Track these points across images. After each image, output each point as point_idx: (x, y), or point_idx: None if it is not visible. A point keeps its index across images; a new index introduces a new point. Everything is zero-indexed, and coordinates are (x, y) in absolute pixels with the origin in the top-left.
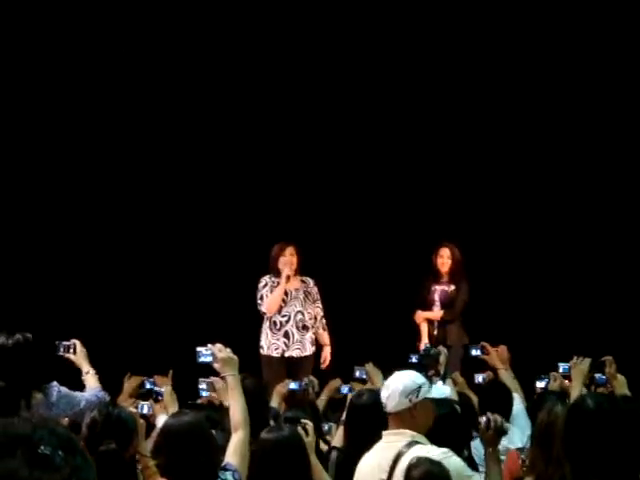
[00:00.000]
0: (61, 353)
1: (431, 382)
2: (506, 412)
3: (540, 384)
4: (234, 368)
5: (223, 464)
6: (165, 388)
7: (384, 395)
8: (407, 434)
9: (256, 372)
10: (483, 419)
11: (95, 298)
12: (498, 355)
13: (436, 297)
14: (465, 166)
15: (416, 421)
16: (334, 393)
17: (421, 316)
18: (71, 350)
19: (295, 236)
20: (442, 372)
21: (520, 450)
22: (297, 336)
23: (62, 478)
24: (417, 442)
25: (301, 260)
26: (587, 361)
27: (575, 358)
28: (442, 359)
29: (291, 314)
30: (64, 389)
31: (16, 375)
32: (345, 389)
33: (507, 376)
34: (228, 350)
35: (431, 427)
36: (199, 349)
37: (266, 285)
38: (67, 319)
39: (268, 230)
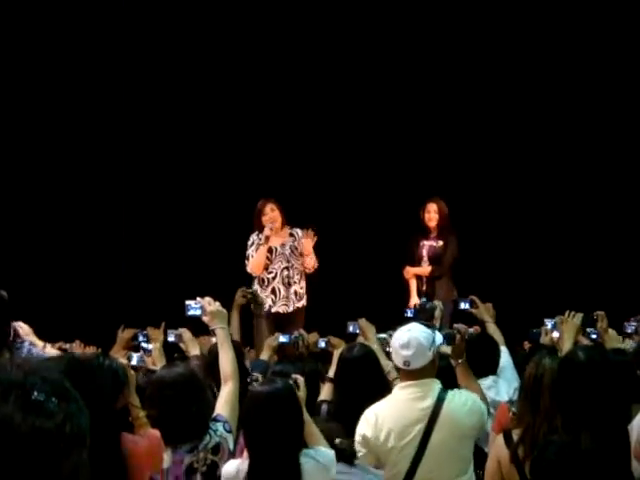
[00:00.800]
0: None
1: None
2: (493, 365)
3: (531, 337)
4: (223, 321)
5: (214, 415)
6: (154, 345)
7: (407, 354)
8: (433, 383)
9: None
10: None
11: (89, 250)
12: (486, 309)
13: (424, 253)
14: (453, 120)
15: (434, 371)
16: (313, 347)
17: (410, 272)
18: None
19: (284, 191)
20: (437, 325)
21: (510, 403)
22: (283, 292)
23: (55, 424)
24: (445, 389)
25: (285, 214)
26: (579, 316)
27: (567, 313)
28: (437, 313)
29: (277, 270)
30: (35, 348)
31: None
32: (322, 343)
33: (495, 329)
34: (217, 304)
35: None
36: (188, 302)
37: (253, 244)
38: (61, 271)
39: (259, 184)
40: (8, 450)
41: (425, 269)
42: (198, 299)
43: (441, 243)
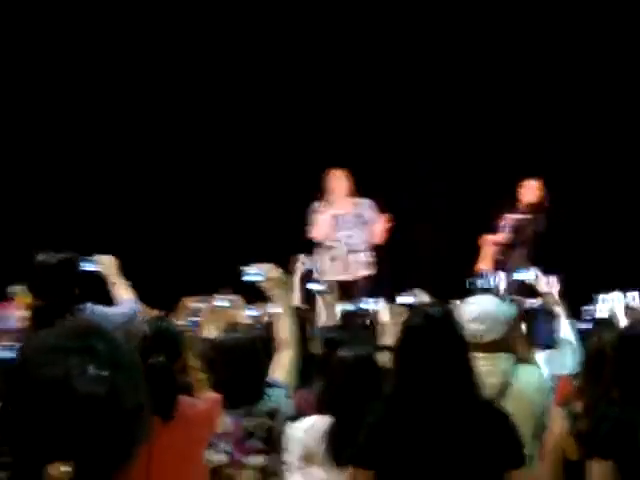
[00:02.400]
0: (89, 268)
1: None
2: (553, 338)
3: (585, 314)
4: (283, 288)
5: (270, 380)
6: (205, 305)
7: (480, 328)
8: (504, 357)
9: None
10: None
11: (148, 219)
12: (548, 282)
13: (506, 223)
14: (544, 98)
15: (506, 344)
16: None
17: (486, 239)
18: (101, 264)
19: (355, 161)
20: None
21: (572, 376)
22: (348, 260)
23: (108, 390)
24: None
25: (352, 183)
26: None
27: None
28: (501, 285)
29: (342, 238)
30: (98, 307)
31: (56, 295)
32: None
33: (556, 302)
34: (280, 271)
35: None
36: (246, 268)
37: (315, 211)
38: (119, 240)
39: (329, 154)
40: (64, 414)
41: (501, 236)
42: (258, 265)
43: (528, 217)
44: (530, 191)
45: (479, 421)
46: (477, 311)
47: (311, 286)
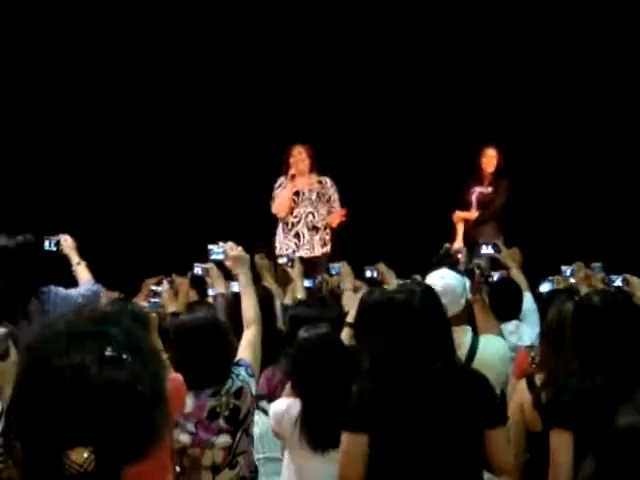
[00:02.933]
0: (48, 248)
1: None
2: (516, 310)
3: (543, 287)
4: (245, 266)
5: (236, 359)
6: (162, 287)
7: (443, 302)
8: (465, 330)
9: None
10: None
11: (117, 198)
12: (510, 254)
13: (473, 198)
14: (508, 68)
15: (465, 318)
16: (336, 291)
17: (459, 216)
18: (60, 245)
19: (319, 138)
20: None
21: (530, 348)
22: (307, 236)
23: (129, 376)
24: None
25: (315, 160)
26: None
27: (576, 264)
28: (462, 259)
29: (302, 215)
30: (60, 290)
31: (17, 277)
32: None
33: (518, 274)
34: (239, 248)
35: None
36: (211, 247)
37: (280, 186)
38: (84, 220)
39: (292, 130)
40: (84, 404)
41: (472, 214)
42: (221, 243)
43: (491, 189)
44: (490, 160)
45: (460, 384)
46: (440, 285)
47: (279, 261)
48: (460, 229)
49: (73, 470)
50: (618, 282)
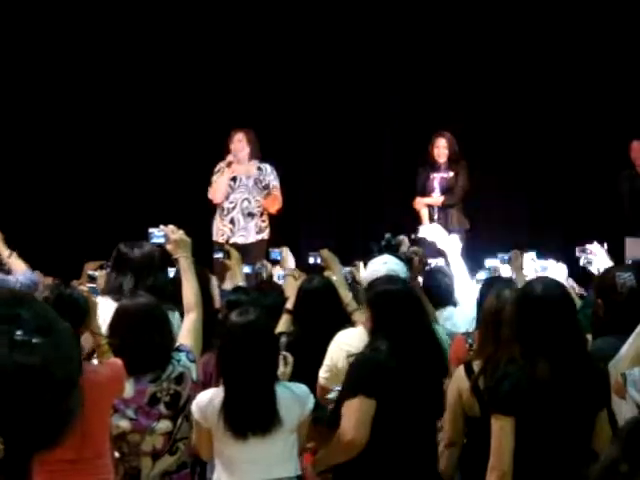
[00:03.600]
0: None
1: None
2: (449, 296)
3: (480, 275)
4: (187, 249)
5: (177, 345)
6: (99, 272)
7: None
8: None
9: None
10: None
11: (59, 183)
12: (449, 239)
13: (435, 184)
14: (461, 52)
15: None
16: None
17: (421, 202)
18: None
19: (264, 122)
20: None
21: (466, 334)
22: (242, 223)
23: (41, 360)
24: None
25: (256, 146)
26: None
27: (513, 252)
28: (403, 248)
29: (238, 201)
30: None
31: None
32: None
33: (455, 260)
34: (181, 232)
35: None
36: (151, 230)
37: (219, 171)
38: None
39: (236, 115)
40: None
41: (437, 199)
42: (161, 227)
43: (452, 174)
44: (441, 151)
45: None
46: (384, 270)
47: (215, 256)
48: (424, 214)
49: None
50: (542, 270)
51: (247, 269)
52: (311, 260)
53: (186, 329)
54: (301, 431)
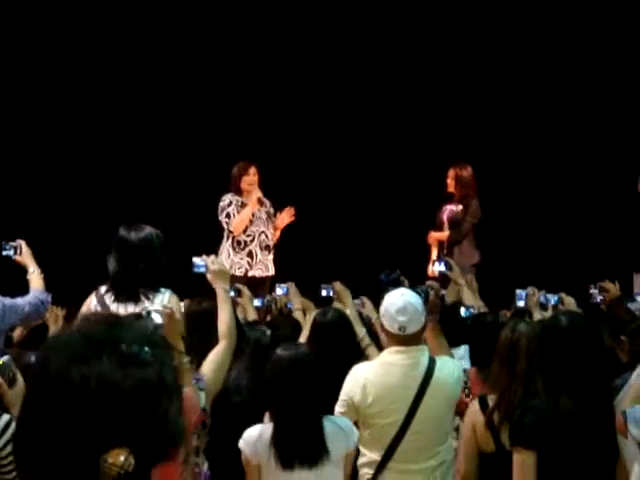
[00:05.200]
0: (5, 253)
1: None
2: (462, 329)
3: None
4: (225, 280)
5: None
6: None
7: (403, 319)
8: (423, 350)
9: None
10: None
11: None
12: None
13: (444, 217)
14: (479, 85)
15: (422, 336)
16: (285, 310)
17: (432, 237)
18: (18, 250)
19: (277, 153)
20: None
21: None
22: (260, 256)
23: (156, 372)
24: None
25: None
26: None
27: (530, 288)
28: (405, 284)
29: (255, 234)
30: (7, 300)
31: None
32: (290, 305)
33: (468, 293)
34: (221, 262)
35: None
36: (195, 259)
37: (231, 204)
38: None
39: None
40: (116, 409)
41: (444, 234)
42: (204, 257)
43: (461, 207)
44: (450, 181)
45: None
46: (401, 303)
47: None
48: (434, 250)
49: (113, 473)
50: (553, 301)
51: (257, 302)
52: (323, 293)
53: (210, 357)
54: (345, 465)
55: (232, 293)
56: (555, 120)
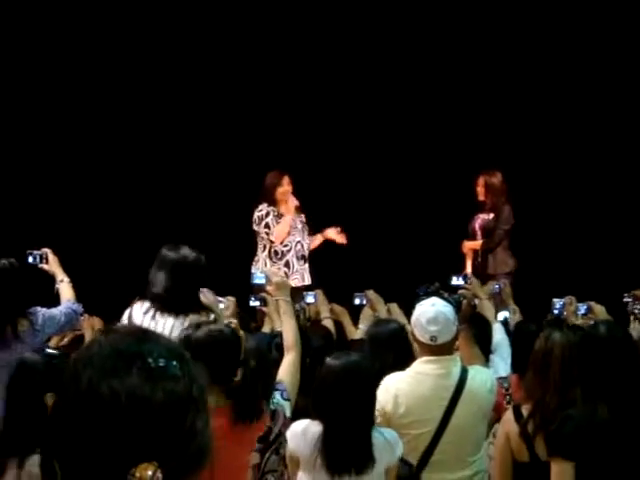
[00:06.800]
0: (32, 262)
1: None
2: (486, 342)
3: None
4: (286, 292)
5: (276, 381)
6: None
7: (434, 329)
8: (455, 359)
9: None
10: None
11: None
12: (480, 285)
13: (477, 226)
14: (507, 90)
15: (454, 346)
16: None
17: (467, 246)
18: (43, 259)
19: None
20: None
21: (502, 379)
22: (297, 266)
23: (185, 386)
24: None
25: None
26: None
27: (567, 298)
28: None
29: (292, 244)
30: (46, 310)
31: (2, 300)
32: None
33: (487, 307)
34: (282, 274)
35: None
36: (253, 270)
37: (269, 214)
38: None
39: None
40: (144, 423)
41: (477, 243)
42: (264, 268)
43: (492, 215)
44: (479, 189)
45: None
46: (432, 312)
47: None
48: (469, 259)
49: None
50: (582, 310)
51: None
52: (357, 301)
53: (284, 367)
54: (389, 477)
55: (257, 302)
56: (591, 124)
